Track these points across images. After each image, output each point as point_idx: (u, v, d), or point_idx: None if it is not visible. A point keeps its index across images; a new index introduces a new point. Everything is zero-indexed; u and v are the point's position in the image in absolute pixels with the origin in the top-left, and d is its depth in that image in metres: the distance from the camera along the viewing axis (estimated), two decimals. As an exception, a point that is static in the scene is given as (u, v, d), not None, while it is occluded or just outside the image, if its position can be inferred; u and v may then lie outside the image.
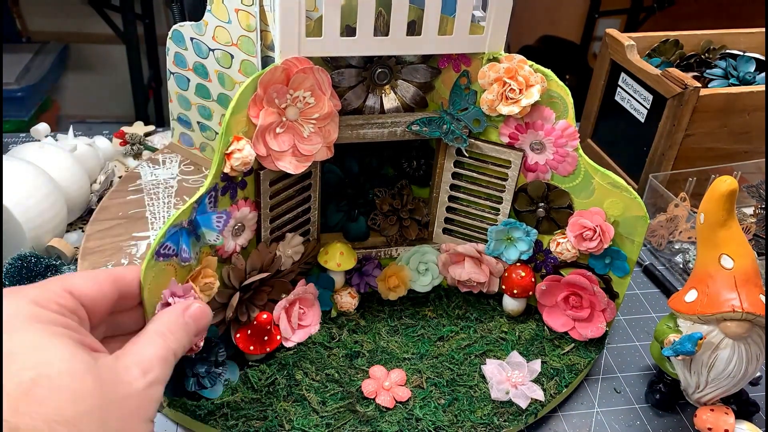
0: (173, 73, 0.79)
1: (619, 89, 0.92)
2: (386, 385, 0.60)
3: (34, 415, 0.31)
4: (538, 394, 0.60)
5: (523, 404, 0.59)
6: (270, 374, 0.60)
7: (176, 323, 0.43)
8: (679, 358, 0.56)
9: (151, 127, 0.99)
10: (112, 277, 0.43)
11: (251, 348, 0.60)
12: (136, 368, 0.38)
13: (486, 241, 0.67)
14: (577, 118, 0.63)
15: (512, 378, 0.61)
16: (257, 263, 0.60)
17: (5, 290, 0.37)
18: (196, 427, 0.57)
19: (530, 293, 0.67)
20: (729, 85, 0.91)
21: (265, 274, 0.60)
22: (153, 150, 0.93)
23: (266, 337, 0.60)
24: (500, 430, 0.57)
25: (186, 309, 0.45)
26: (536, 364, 0.62)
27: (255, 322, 0.59)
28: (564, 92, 0.60)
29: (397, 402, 0.59)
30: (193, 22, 0.73)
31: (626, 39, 0.90)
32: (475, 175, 0.65)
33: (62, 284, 0.39)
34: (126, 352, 0.39)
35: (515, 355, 0.63)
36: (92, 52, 2.08)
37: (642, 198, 0.61)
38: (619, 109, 0.93)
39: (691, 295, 0.56)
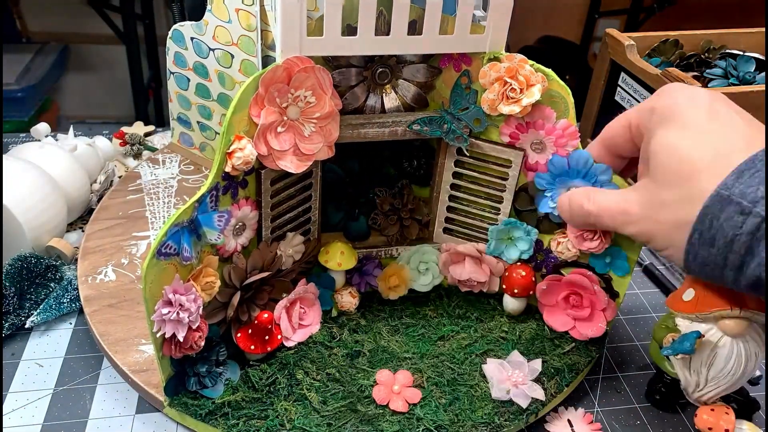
0: (173, 73, 0.79)
1: (619, 89, 0.93)
2: (396, 389, 0.60)
3: None
4: (539, 394, 0.60)
5: (524, 403, 0.59)
6: (271, 374, 0.60)
7: None
8: (678, 357, 0.56)
9: (151, 127, 0.99)
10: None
11: (252, 347, 0.60)
12: None
13: (486, 240, 0.67)
14: (578, 118, 0.64)
15: (513, 377, 0.61)
16: (258, 262, 0.60)
17: None
18: (196, 427, 0.57)
19: (531, 293, 0.67)
20: (729, 85, 0.91)
21: (265, 274, 0.60)
22: (153, 150, 0.93)
23: (267, 337, 0.60)
24: (501, 430, 0.57)
25: None
26: (537, 364, 0.62)
27: (256, 322, 0.59)
28: (565, 92, 0.60)
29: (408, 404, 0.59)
30: (193, 22, 0.73)
31: (626, 39, 0.90)
32: (475, 174, 0.65)
33: None
34: None
35: (516, 355, 0.63)
36: (92, 52, 2.08)
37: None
38: (619, 109, 0.93)
39: (688, 294, 0.56)
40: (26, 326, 0.66)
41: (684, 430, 0.62)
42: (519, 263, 0.67)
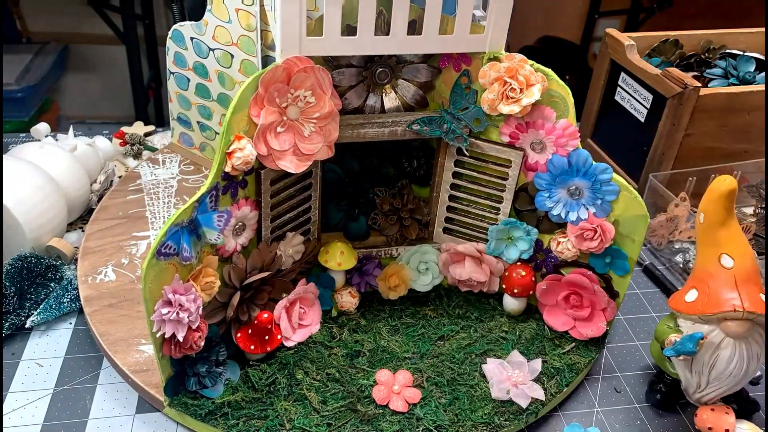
0: (173, 73, 0.79)
1: (619, 89, 0.93)
2: (395, 389, 0.59)
3: None
4: (539, 394, 0.60)
5: (524, 403, 0.59)
6: (270, 374, 0.60)
7: None
8: (681, 358, 0.56)
9: (151, 127, 0.99)
10: None
11: (252, 347, 0.60)
12: None
13: (486, 240, 0.67)
14: (577, 118, 0.63)
15: (513, 377, 0.61)
16: (258, 262, 0.60)
17: None
18: (196, 427, 0.57)
19: (531, 292, 0.67)
20: (729, 85, 0.91)
21: (265, 274, 0.60)
22: (153, 150, 0.93)
23: (267, 337, 0.60)
24: (501, 430, 0.57)
25: None
26: (537, 364, 0.62)
27: (256, 322, 0.59)
28: (564, 91, 0.60)
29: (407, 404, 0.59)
30: (193, 22, 0.73)
31: (626, 39, 0.90)
32: (475, 174, 0.65)
33: None
34: None
35: (516, 355, 0.63)
36: (92, 52, 2.08)
37: (642, 198, 0.61)
38: (619, 108, 0.93)
39: (691, 295, 0.56)
40: (26, 326, 0.66)
41: (684, 430, 0.62)
42: (519, 263, 0.67)
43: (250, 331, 0.60)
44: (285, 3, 0.52)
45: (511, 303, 0.68)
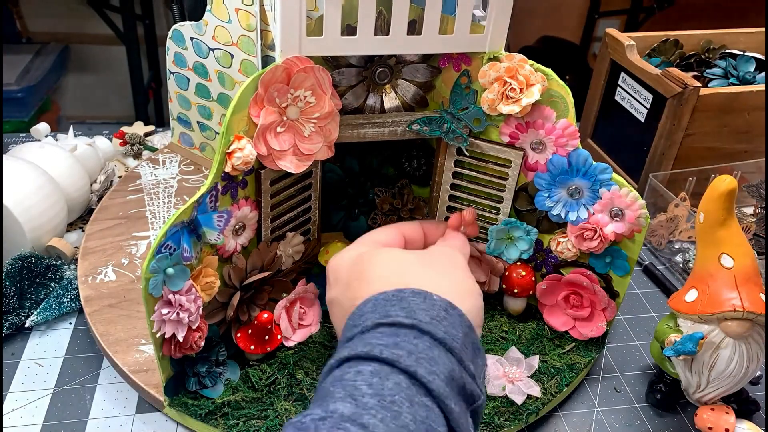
0: (173, 73, 0.79)
1: (619, 89, 0.93)
2: None
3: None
4: (535, 390, 0.60)
5: (519, 400, 0.59)
6: (271, 374, 0.60)
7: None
8: (681, 358, 0.56)
9: (151, 127, 0.99)
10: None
11: (252, 347, 0.60)
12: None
13: (486, 240, 0.67)
14: (577, 118, 0.63)
15: (509, 374, 0.61)
16: (258, 262, 0.60)
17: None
18: (196, 427, 0.57)
19: (531, 292, 0.67)
20: (729, 85, 0.91)
21: (265, 274, 0.60)
22: (153, 150, 0.93)
23: (267, 337, 0.60)
24: (501, 430, 0.57)
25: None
26: (534, 360, 0.62)
27: (256, 322, 0.59)
28: (564, 91, 0.60)
29: None
30: (193, 22, 0.73)
31: (626, 39, 0.90)
32: (475, 174, 0.65)
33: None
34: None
35: (513, 351, 0.63)
36: (92, 52, 2.08)
37: (642, 198, 0.61)
38: (619, 108, 0.93)
39: (691, 295, 0.56)
40: (26, 326, 0.66)
41: (684, 430, 0.62)
42: (519, 263, 0.67)
43: (250, 331, 0.60)
44: (285, 3, 0.52)
45: (511, 303, 0.68)
